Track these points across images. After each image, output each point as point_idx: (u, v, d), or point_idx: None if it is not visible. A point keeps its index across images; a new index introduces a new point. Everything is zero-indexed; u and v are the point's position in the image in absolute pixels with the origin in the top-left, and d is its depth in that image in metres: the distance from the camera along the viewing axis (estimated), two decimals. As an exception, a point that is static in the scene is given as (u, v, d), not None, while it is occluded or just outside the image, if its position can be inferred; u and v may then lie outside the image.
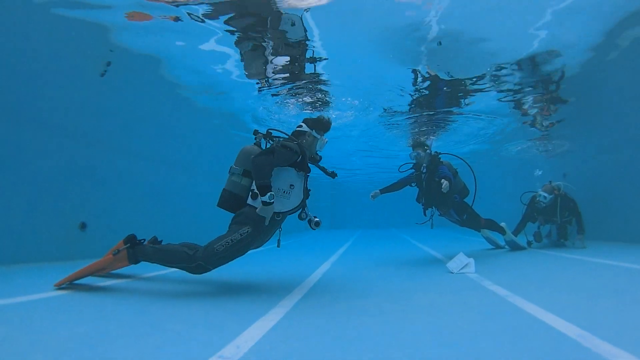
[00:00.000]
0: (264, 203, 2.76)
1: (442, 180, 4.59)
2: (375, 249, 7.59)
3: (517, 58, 5.81)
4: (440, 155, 5.30)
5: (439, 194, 4.91)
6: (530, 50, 5.54)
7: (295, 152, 2.99)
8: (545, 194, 6.63)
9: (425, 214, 5.38)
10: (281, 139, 3.17)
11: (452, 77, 6.48)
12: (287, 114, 8.42)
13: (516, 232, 6.72)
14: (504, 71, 6.26)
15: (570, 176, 9.01)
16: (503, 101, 7.68)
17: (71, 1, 4.33)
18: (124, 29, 4.92)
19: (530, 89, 7.05)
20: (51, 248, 4.90)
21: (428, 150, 5.23)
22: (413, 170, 5.39)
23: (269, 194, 2.74)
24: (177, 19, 4.68)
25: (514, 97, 7.46)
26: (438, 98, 7.64)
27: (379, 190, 5.25)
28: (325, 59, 5.89)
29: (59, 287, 2.88)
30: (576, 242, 6.56)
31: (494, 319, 2.09)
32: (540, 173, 8.06)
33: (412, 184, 5.42)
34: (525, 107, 8.04)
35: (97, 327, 1.96)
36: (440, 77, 6.52)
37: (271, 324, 1.99)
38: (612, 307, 2.33)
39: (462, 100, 7.67)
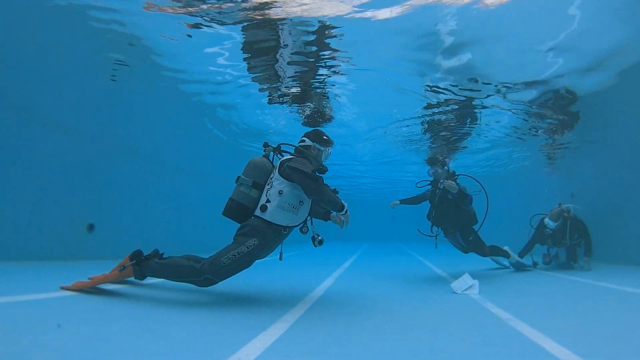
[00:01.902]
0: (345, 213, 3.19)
1: (448, 181, 4.72)
2: (380, 264, 7.58)
3: (530, 74, 5.83)
4: (457, 177, 5.29)
5: (450, 211, 4.91)
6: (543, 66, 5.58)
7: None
8: (551, 222, 6.50)
9: (432, 231, 5.38)
10: (291, 158, 3.21)
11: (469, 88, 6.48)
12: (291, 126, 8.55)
13: (523, 254, 6.66)
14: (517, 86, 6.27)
15: (578, 196, 8.88)
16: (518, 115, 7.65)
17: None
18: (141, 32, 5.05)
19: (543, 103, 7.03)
20: (58, 247, 5.00)
21: (446, 167, 5.25)
22: (430, 186, 5.44)
23: (345, 206, 3.16)
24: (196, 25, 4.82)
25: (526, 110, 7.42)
26: (454, 112, 7.63)
27: (399, 200, 5.41)
28: (341, 74, 6.02)
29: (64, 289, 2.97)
30: (583, 265, 6.48)
31: (493, 343, 2.11)
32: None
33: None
34: (539, 123, 8.02)
35: (99, 330, 2.02)
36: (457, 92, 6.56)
37: (273, 339, 2.03)
38: (612, 334, 2.33)
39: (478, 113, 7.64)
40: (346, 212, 3.17)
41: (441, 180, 5.17)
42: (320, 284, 4.23)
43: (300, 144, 3.42)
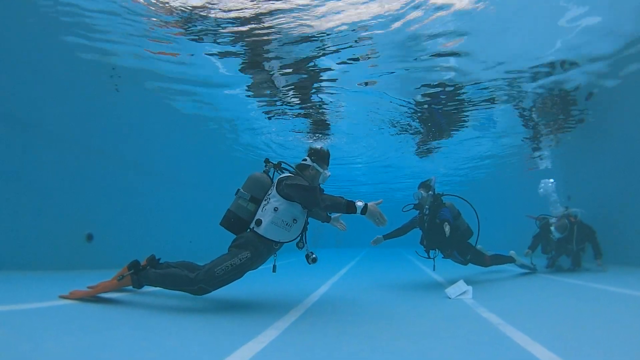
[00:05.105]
0: (364, 210, 2.92)
1: (445, 224, 4.56)
2: (377, 270, 7.58)
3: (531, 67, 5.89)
4: (443, 197, 5.22)
5: (441, 237, 4.80)
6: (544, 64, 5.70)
7: None
8: (557, 234, 6.39)
9: (428, 255, 5.24)
10: (289, 176, 3.28)
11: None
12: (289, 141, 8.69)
13: (532, 248, 6.75)
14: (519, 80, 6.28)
15: (575, 198, 8.78)
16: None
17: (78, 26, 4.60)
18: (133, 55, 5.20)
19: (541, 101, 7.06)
20: (57, 257, 5.04)
21: (430, 192, 5.14)
22: (417, 211, 5.28)
23: (357, 203, 2.92)
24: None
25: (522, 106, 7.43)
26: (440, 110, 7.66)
27: (383, 236, 5.09)
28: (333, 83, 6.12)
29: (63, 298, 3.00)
30: (598, 268, 6.33)
31: (481, 348, 2.12)
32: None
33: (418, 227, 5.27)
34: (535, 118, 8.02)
35: (97, 338, 2.06)
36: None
37: (262, 346, 2.06)
38: (603, 339, 2.33)
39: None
40: (366, 207, 2.92)
41: (426, 206, 5.10)
42: (315, 291, 4.25)
43: (302, 161, 3.51)
